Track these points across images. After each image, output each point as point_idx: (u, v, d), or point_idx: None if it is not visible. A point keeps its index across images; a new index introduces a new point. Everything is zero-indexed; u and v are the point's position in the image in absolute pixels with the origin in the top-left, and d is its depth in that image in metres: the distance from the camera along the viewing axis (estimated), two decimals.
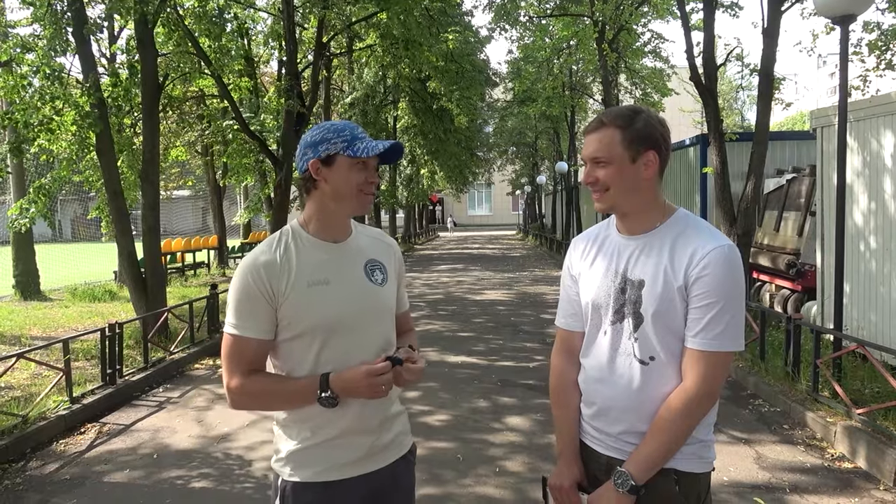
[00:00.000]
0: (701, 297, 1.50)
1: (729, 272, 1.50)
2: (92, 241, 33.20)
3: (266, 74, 19.10)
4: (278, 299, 1.57)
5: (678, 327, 1.54)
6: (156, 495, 3.85)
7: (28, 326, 9.12)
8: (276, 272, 1.57)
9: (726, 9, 11.26)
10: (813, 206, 7.87)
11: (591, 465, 1.69)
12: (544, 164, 35.10)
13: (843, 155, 5.18)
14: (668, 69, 18.65)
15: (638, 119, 1.56)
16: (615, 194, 1.58)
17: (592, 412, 1.68)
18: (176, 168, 23.72)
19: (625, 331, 1.60)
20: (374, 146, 1.58)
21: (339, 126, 1.60)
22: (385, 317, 1.69)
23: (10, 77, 7.73)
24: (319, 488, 1.60)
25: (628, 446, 1.60)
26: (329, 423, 1.60)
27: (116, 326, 6.05)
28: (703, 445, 1.60)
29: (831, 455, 4.32)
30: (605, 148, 1.56)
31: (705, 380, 1.50)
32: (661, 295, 1.54)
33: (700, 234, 1.57)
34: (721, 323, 1.50)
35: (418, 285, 14.57)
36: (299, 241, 1.63)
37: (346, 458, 1.62)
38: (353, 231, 1.71)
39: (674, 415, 1.51)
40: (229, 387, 1.59)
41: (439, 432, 4.85)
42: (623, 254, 1.64)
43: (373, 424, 1.64)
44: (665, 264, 1.55)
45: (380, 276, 1.69)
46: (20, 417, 4.76)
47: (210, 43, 9.30)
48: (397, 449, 1.72)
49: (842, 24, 5.04)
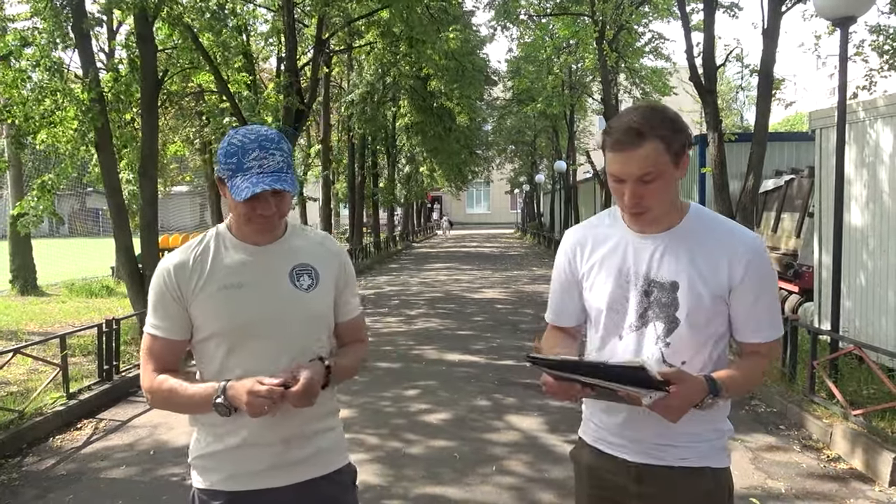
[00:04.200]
0: (750, 294, 1.52)
1: (766, 264, 1.55)
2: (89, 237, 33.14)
3: (265, 71, 19.07)
4: (188, 300, 1.55)
5: (714, 328, 1.54)
6: (153, 491, 3.85)
7: (25, 321, 9.11)
8: (186, 274, 1.56)
9: (726, 9, 11.27)
10: (811, 207, 7.88)
11: (618, 477, 1.62)
12: (543, 162, 35.12)
13: (841, 156, 5.19)
14: (669, 67, 18.67)
15: (672, 122, 1.48)
16: (656, 210, 1.51)
17: (620, 421, 1.60)
18: (174, 164, 23.68)
19: (649, 336, 1.54)
20: (244, 188, 1.46)
21: (232, 149, 1.49)
22: (308, 324, 1.60)
23: (9, 72, 7.71)
24: (222, 496, 1.57)
25: (665, 451, 1.56)
26: (231, 432, 1.57)
27: (113, 322, 6.04)
28: (727, 437, 1.63)
29: (827, 456, 4.33)
30: (653, 164, 1.45)
31: (768, 363, 1.60)
32: (699, 296, 1.50)
33: (727, 231, 1.56)
34: (772, 314, 1.57)
35: (416, 283, 14.57)
36: (221, 243, 1.60)
37: (248, 468, 1.57)
38: (287, 233, 1.64)
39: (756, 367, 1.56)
40: (143, 385, 1.60)
41: (437, 431, 4.85)
42: (642, 254, 1.56)
43: (274, 438, 1.57)
44: (698, 264, 1.51)
45: (307, 280, 1.61)
46: (16, 413, 4.75)
47: (211, 38, 9.28)
48: (317, 467, 1.63)
49: (841, 25, 5.05)
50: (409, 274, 16.88)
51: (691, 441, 1.56)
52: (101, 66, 9.60)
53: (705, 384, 1.43)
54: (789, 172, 9.47)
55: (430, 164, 28.95)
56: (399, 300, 11.84)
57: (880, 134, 5.96)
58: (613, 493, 1.65)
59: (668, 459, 1.57)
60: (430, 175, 31.06)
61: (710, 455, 1.57)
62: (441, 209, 50.79)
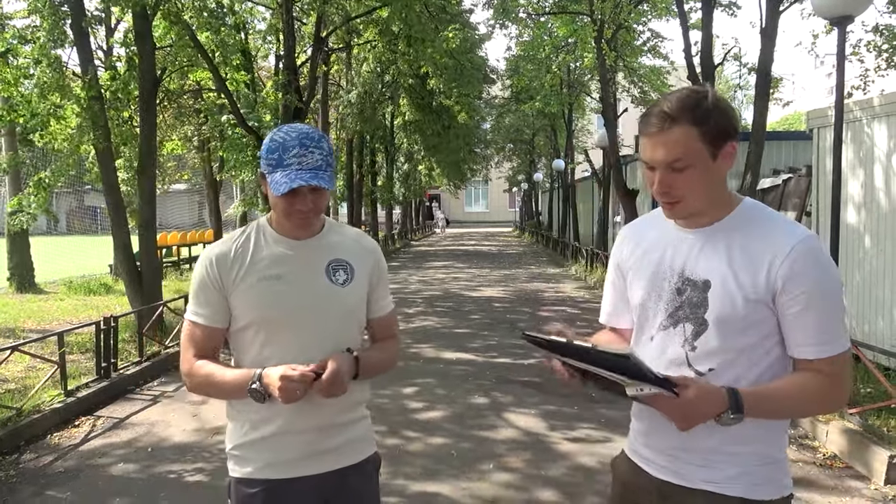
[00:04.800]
0: (797, 301, 1.32)
1: (821, 267, 1.34)
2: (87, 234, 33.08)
3: (263, 69, 19.04)
4: (228, 290, 1.61)
5: (748, 335, 1.36)
6: (151, 489, 3.86)
7: (23, 319, 9.10)
8: (227, 264, 1.61)
9: (724, 8, 11.28)
10: (808, 206, 7.90)
11: (640, 493, 1.51)
12: (541, 161, 35.11)
13: (838, 155, 5.21)
14: (667, 66, 18.68)
15: (713, 107, 1.33)
16: (693, 201, 1.37)
17: (644, 427, 1.51)
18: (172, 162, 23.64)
19: (677, 337, 1.42)
20: (283, 182, 1.51)
21: (273, 145, 1.55)
22: (341, 318, 1.65)
23: (8, 70, 7.70)
24: (260, 484, 1.61)
25: (684, 466, 1.42)
26: (266, 421, 1.61)
27: (112, 320, 6.04)
28: (776, 466, 1.41)
29: (823, 454, 4.35)
30: (683, 150, 1.32)
31: (834, 384, 1.35)
32: (731, 298, 1.35)
33: (775, 228, 1.37)
34: (827, 325, 1.34)
35: (414, 281, 14.58)
36: (262, 236, 1.66)
37: (285, 456, 1.62)
38: (325, 229, 1.69)
39: (807, 387, 1.34)
40: (181, 369, 1.66)
41: (435, 428, 4.86)
42: (680, 249, 1.44)
43: (308, 426, 1.62)
44: (735, 262, 1.36)
45: (343, 275, 1.65)
46: (14, 410, 4.75)
47: (209, 36, 9.27)
48: (347, 456, 1.68)
49: (839, 25, 5.06)
50: (407, 272, 16.88)
51: (719, 462, 1.39)
52: (99, 63, 9.60)
53: (724, 396, 1.29)
54: (787, 171, 9.50)
55: (428, 162, 28.95)
56: (397, 298, 11.82)
57: (876, 133, 5.98)
58: None
59: (692, 479, 1.41)
60: (429, 173, 31.06)
61: (742, 484, 1.37)
62: (439, 207, 50.66)
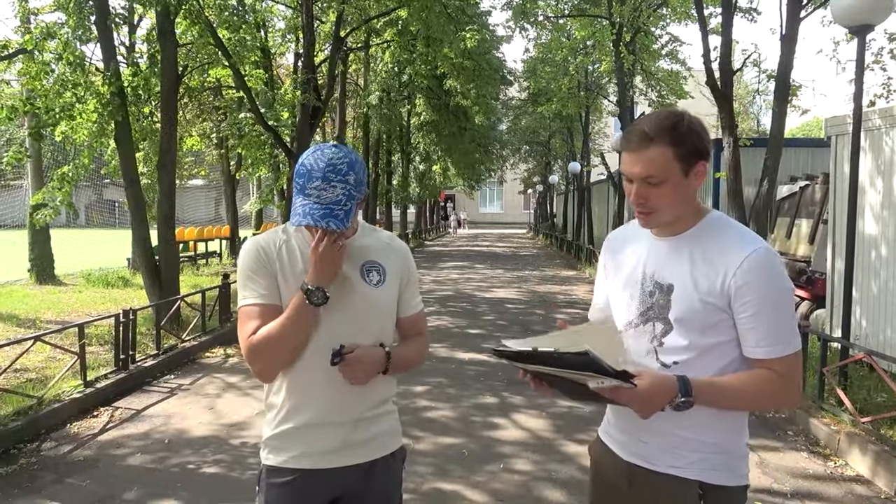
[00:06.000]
0: (748, 307, 1.46)
1: (770, 276, 1.46)
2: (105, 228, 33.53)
3: (282, 67, 19.20)
4: (276, 274, 1.66)
5: (711, 334, 1.50)
6: (168, 479, 3.94)
7: (42, 310, 9.27)
8: (273, 252, 1.67)
9: (744, 13, 11.21)
10: (825, 214, 7.85)
11: (614, 474, 1.65)
12: (557, 163, 35.03)
13: (856, 163, 5.18)
14: (684, 71, 18.58)
15: (687, 131, 1.48)
16: (665, 213, 1.53)
17: (616, 414, 1.66)
18: (190, 157, 23.92)
19: (647, 334, 1.58)
20: (297, 214, 1.57)
21: (302, 169, 1.60)
22: (376, 318, 1.71)
23: (33, 65, 7.85)
24: (291, 474, 1.67)
25: (651, 451, 1.57)
26: (303, 410, 1.66)
27: (131, 313, 6.15)
28: (732, 455, 1.55)
29: (834, 462, 4.34)
30: (658, 167, 1.47)
31: (785, 381, 1.48)
32: (690, 302, 1.50)
33: (732, 238, 1.52)
34: (777, 329, 1.47)
35: (428, 281, 14.63)
36: (300, 236, 1.71)
37: (318, 447, 1.67)
38: (358, 231, 1.75)
39: (756, 382, 1.47)
40: (245, 356, 1.64)
41: (446, 427, 4.91)
42: (652, 255, 1.60)
43: (345, 418, 1.67)
44: (697, 269, 1.51)
45: (376, 277, 1.72)
46: (35, 399, 4.87)
47: (229, 35, 9.39)
48: (377, 448, 1.73)
49: (858, 33, 5.04)
50: (420, 272, 16.87)
51: (678, 448, 1.53)
52: (121, 59, 9.76)
53: (675, 383, 1.43)
54: (804, 179, 9.42)
55: (443, 162, 29.00)
56: None
57: (895, 142, 5.94)
58: (611, 490, 1.68)
59: (657, 464, 1.55)
60: (444, 173, 31.12)
61: (701, 469, 1.51)
62: (454, 208, 50.71)
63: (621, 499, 1.64)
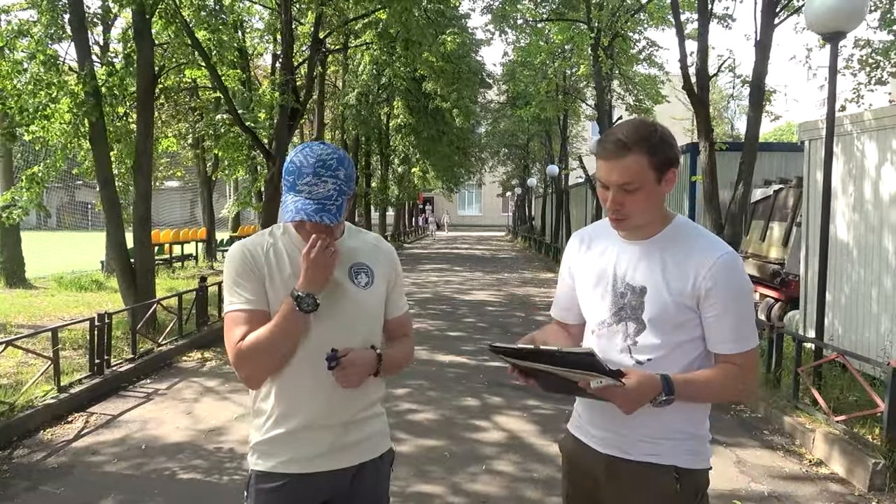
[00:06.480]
0: (716, 307, 1.58)
1: (736, 279, 1.59)
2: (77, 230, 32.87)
3: (259, 68, 19.04)
4: (264, 279, 1.64)
5: (685, 335, 1.61)
6: (144, 485, 3.87)
7: (13, 314, 9.06)
8: (260, 256, 1.66)
9: (720, 20, 11.41)
10: (798, 217, 8.01)
11: (590, 467, 1.72)
12: (535, 166, 35.25)
13: (828, 168, 5.30)
14: (662, 76, 18.84)
15: (660, 141, 1.57)
16: (638, 217, 1.61)
17: (591, 411, 1.72)
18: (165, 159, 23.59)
19: (620, 333, 1.66)
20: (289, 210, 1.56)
21: (291, 167, 1.59)
22: (365, 320, 1.71)
23: (4, 63, 7.67)
24: (281, 479, 1.65)
25: (626, 442, 1.65)
26: (292, 415, 1.65)
27: (106, 316, 6.04)
28: (700, 441, 1.68)
29: (809, 461, 4.43)
30: (635, 175, 1.55)
31: (746, 374, 1.61)
32: (663, 303, 1.59)
33: (700, 243, 1.63)
34: (741, 327, 1.60)
35: (407, 284, 14.60)
36: (287, 240, 1.69)
37: (308, 451, 1.66)
38: (345, 233, 1.75)
39: (723, 377, 1.60)
40: (231, 360, 1.62)
41: (427, 430, 4.90)
42: (623, 258, 1.67)
43: (335, 422, 1.67)
44: (668, 272, 1.61)
45: (364, 279, 1.71)
46: (7, 405, 4.75)
47: (207, 35, 9.28)
48: (367, 451, 1.73)
49: (831, 40, 5.15)
50: None
51: (654, 437, 1.63)
52: (95, 59, 9.58)
53: (659, 382, 1.52)
54: (778, 182, 9.61)
55: (422, 165, 29.00)
56: None
57: (866, 147, 6.08)
58: (587, 483, 1.74)
59: (634, 454, 1.65)
60: (423, 176, 31.12)
61: (675, 455, 1.63)
62: (432, 211, 50.64)
63: (598, 490, 1.71)
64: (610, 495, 1.69)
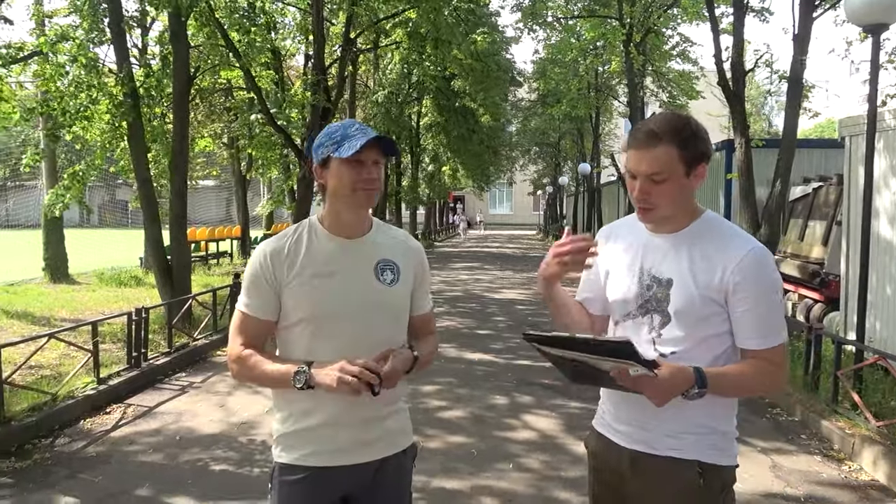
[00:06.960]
0: (745, 301, 1.56)
1: (765, 273, 1.58)
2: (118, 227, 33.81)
3: (292, 68, 19.29)
4: (281, 285, 1.66)
5: (711, 329, 1.60)
6: (178, 475, 3.96)
7: (56, 308, 9.36)
8: (281, 260, 1.67)
9: (757, 13, 11.15)
10: (839, 216, 7.78)
11: (615, 462, 1.72)
12: (567, 164, 34.96)
13: (870, 164, 5.13)
14: (696, 71, 18.50)
15: (693, 134, 1.57)
16: (664, 209, 1.61)
17: (616, 406, 1.72)
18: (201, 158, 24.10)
19: (645, 325, 1.66)
20: (353, 144, 1.60)
21: (333, 128, 1.65)
22: (390, 317, 1.72)
23: (47, 67, 7.94)
24: (303, 471, 1.68)
25: (652, 437, 1.64)
26: (313, 411, 1.67)
27: (143, 311, 6.20)
28: (725, 437, 1.66)
29: (849, 467, 4.30)
30: (665, 166, 1.56)
31: (774, 369, 1.59)
32: (689, 296, 1.59)
33: (729, 238, 1.62)
34: (769, 322, 1.58)
35: (437, 282, 14.63)
36: (314, 234, 1.71)
37: (330, 446, 1.68)
38: (373, 229, 1.75)
39: (753, 372, 1.58)
40: (229, 355, 1.72)
41: (455, 427, 4.91)
42: (650, 251, 1.68)
43: (357, 418, 1.68)
44: (695, 266, 1.60)
45: (390, 276, 1.71)
46: (50, 395, 4.92)
47: (239, 37, 9.44)
48: (389, 446, 1.74)
49: (873, 32, 4.99)
50: (431, 273, 16.91)
51: (679, 432, 1.62)
52: (133, 61, 9.84)
53: (692, 374, 1.51)
54: (817, 180, 9.34)
55: (452, 163, 29.01)
56: None
57: None
58: (612, 478, 1.74)
59: (659, 448, 1.64)
60: (453, 175, 31.12)
61: (698, 450, 1.61)
62: (463, 210, 50.57)
63: (624, 485, 1.71)
64: (635, 490, 1.69)
